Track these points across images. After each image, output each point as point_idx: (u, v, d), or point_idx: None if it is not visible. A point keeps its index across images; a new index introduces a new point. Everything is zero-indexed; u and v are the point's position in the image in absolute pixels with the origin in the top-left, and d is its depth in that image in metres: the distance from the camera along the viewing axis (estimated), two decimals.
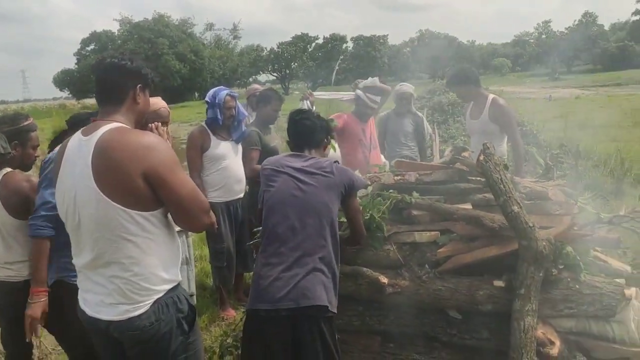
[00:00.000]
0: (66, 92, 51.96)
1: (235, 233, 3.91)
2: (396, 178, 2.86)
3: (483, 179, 2.47)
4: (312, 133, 2.45)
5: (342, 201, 2.31)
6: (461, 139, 7.58)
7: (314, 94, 5.06)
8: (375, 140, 4.54)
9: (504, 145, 3.91)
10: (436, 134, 4.65)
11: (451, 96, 9.22)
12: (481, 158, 2.39)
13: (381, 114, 5.05)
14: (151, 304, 1.68)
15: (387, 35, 67.53)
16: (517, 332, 2.20)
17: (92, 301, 1.73)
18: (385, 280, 2.46)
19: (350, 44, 67.08)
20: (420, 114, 5.23)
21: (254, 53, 61.94)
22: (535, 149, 6.53)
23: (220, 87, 3.86)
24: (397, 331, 2.58)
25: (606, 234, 2.63)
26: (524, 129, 7.67)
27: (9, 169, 2.43)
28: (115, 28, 51.36)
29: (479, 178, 2.65)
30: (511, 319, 2.24)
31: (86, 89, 41.85)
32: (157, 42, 43.12)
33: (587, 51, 56.06)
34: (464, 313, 2.48)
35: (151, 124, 2.05)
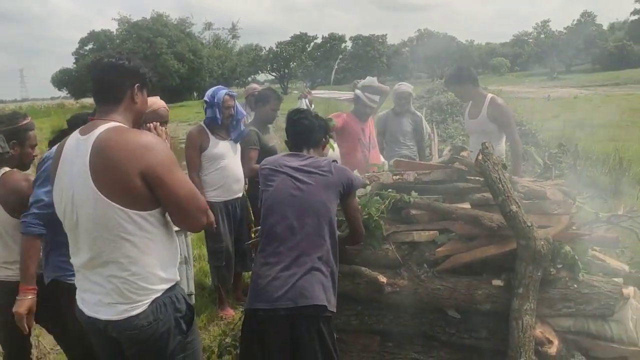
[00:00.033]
0: (64, 92, 51.88)
1: (234, 232, 3.91)
2: (395, 177, 2.86)
3: (482, 178, 2.47)
4: (310, 132, 2.45)
5: (341, 200, 2.31)
6: (460, 138, 7.57)
7: (312, 92, 5.05)
8: (375, 139, 4.54)
9: (502, 144, 3.91)
10: (435, 133, 4.65)
11: (450, 96, 9.22)
12: (480, 157, 2.39)
13: (380, 114, 5.04)
14: (149, 303, 1.68)
15: (386, 35, 67.77)
16: (515, 331, 2.20)
17: (90, 301, 1.72)
18: (384, 280, 2.46)
19: (349, 44, 67.23)
20: (419, 113, 5.22)
21: (252, 52, 61.97)
22: (534, 148, 6.54)
23: (219, 87, 3.85)
24: (396, 330, 2.58)
25: (604, 234, 2.63)
26: (522, 128, 7.67)
27: (7, 169, 2.43)
28: (113, 27, 51.20)
29: (477, 177, 2.65)
30: (510, 318, 2.24)
31: (84, 89, 41.65)
32: (156, 41, 43.02)
33: (585, 51, 56.15)
34: (462, 312, 2.48)
35: (150, 124, 2.05)
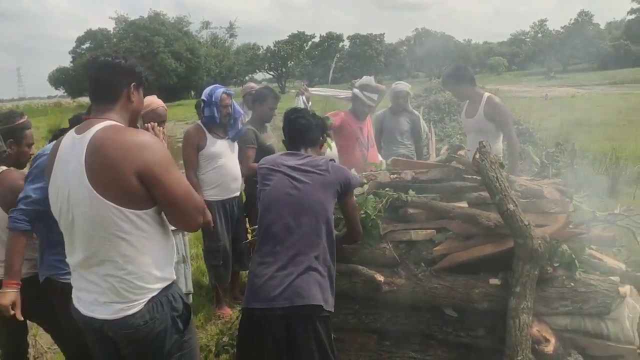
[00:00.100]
0: (61, 91, 51.62)
1: (232, 231, 3.91)
2: (392, 176, 2.86)
3: (479, 177, 2.47)
4: (307, 131, 2.44)
5: (339, 199, 2.31)
6: (457, 137, 7.57)
7: (309, 89, 5.04)
8: (373, 138, 4.55)
9: (499, 143, 3.91)
10: (432, 132, 4.66)
11: (447, 95, 9.23)
12: (477, 156, 2.39)
13: (377, 113, 5.05)
14: (145, 302, 1.68)
15: (384, 34, 67.71)
16: (512, 330, 2.20)
17: (86, 300, 1.72)
18: (381, 279, 2.46)
19: (347, 43, 67.24)
20: (417, 112, 5.23)
21: (250, 51, 61.92)
22: (531, 147, 6.56)
23: (216, 85, 3.84)
24: (393, 329, 2.58)
25: (601, 232, 2.64)
26: (520, 127, 7.68)
27: (4, 167, 2.43)
28: (110, 26, 51.00)
29: (474, 176, 2.65)
30: (507, 316, 2.25)
31: (81, 88, 41.42)
32: (153, 40, 42.86)
33: (583, 50, 56.28)
34: (459, 311, 2.49)
35: (147, 124, 2.04)
